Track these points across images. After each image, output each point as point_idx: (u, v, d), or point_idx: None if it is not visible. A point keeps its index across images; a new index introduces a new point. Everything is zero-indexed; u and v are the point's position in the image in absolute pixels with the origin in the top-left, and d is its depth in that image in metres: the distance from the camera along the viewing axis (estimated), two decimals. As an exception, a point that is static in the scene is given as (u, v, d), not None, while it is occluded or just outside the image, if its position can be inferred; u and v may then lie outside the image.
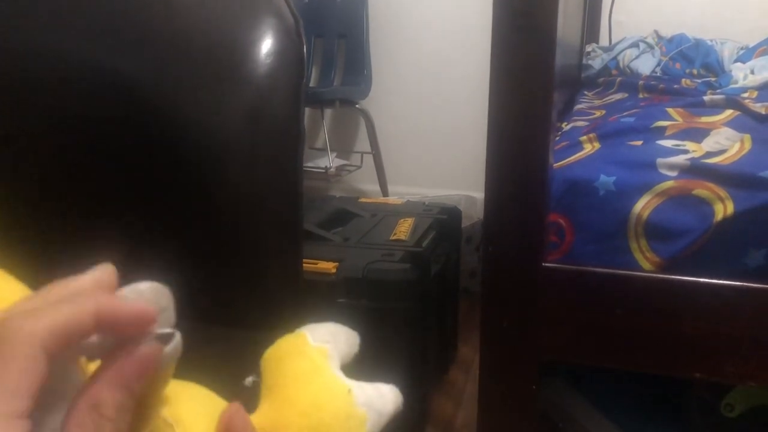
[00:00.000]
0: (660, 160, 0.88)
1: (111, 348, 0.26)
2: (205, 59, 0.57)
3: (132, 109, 0.43)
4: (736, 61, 1.70)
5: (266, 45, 0.58)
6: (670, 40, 1.92)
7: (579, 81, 1.89)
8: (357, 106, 2.45)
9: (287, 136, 0.58)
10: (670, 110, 1.16)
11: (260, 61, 0.58)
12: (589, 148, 0.99)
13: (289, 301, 0.61)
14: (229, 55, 0.58)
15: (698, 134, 1.00)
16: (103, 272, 0.28)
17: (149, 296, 0.27)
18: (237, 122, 0.56)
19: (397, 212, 1.66)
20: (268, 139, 0.57)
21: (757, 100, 1.25)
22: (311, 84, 2.62)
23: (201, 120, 0.55)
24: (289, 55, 0.60)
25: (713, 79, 1.60)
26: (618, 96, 1.52)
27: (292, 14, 0.62)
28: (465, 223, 1.95)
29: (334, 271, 1.28)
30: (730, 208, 0.82)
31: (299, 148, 0.59)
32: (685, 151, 0.93)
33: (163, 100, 0.55)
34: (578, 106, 1.49)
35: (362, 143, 2.65)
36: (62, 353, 0.24)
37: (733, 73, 1.55)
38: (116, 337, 0.26)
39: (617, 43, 1.97)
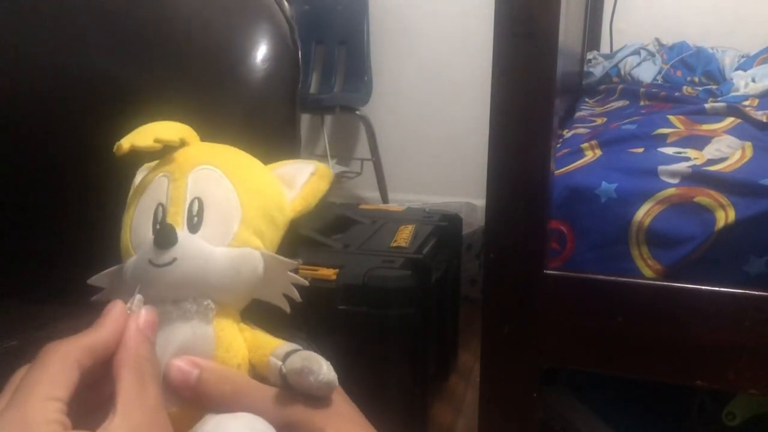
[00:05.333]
0: (661, 168, 0.88)
1: None
2: (203, 65, 0.58)
3: (129, 113, 0.43)
4: (737, 69, 1.70)
5: (262, 51, 0.59)
6: (671, 48, 1.93)
7: (580, 88, 1.89)
8: (357, 112, 2.45)
9: (283, 140, 0.58)
10: (671, 118, 1.16)
11: (256, 67, 0.58)
12: (591, 155, 0.99)
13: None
14: (226, 61, 0.58)
15: (699, 142, 1.00)
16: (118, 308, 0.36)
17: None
18: (233, 127, 0.56)
19: (398, 219, 1.66)
20: (263, 143, 0.57)
21: (758, 108, 1.25)
22: (311, 90, 2.61)
23: (198, 126, 0.55)
24: (285, 60, 0.61)
25: (714, 87, 1.60)
26: (619, 103, 1.52)
27: (287, 20, 0.62)
28: (466, 230, 1.95)
29: (334, 277, 1.28)
30: (732, 215, 0.82)
31: (294, 153, 0.59)
32: (687, 159, 0.93)
33: (160, 105, 0.55)
34: (579, 114, 1.50)
35: (362, 150, 2.65)
36: (92, 364, 0.33)
37: (734, 81, 1.55)
38: None
39: (618, 51, 1.97)
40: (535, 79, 0.79)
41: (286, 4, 0.62)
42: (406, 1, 2.54)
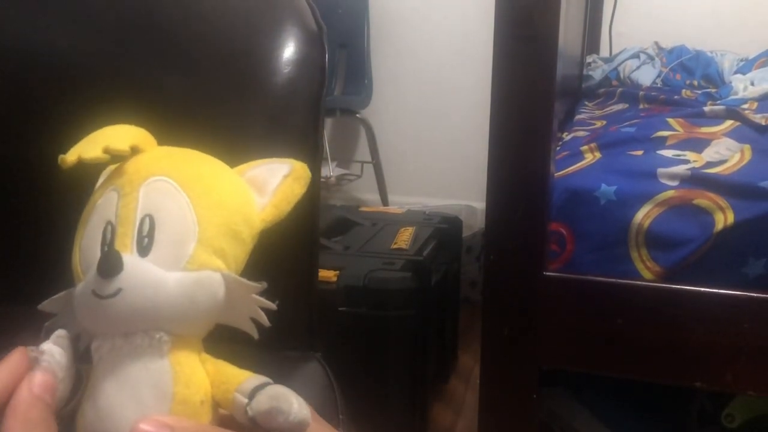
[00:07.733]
0: (661, 170, 0.89)
1: None
2: (227, 66, 0.57)
3: (154, 116, 0.43)
4: (736, 72, 1.70)
5: (287, 53, 0.57)
6: (671, 52, 1.93)
7: (579, 91, 1.89)
8: (357, 115, 2.45)
9: (305, 145, 0.57)
10: (670, 120, 1.16)
11: (280, 69, 0.57)
12: (590, 157, 1.00)
13: (303, 320, 0.60)
14: (251, 63, 0.57)
15: (699, 144, 1.01)
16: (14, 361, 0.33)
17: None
18: (256, 130, 0.55)
19: (398, 221, 1.67)
20: (285, 148, 0.56)
21: (757, 111, 1.26)
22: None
23: (221, 128, 0.55)
24: (310, 63, 0.59)
25: (713, 90, 1.60)
26: (618, 106, 1.52)
27: (317, 22, 0.61)
28: (465, 233, 1.95)
29: (334, 279, 1.28)
30: (731, 217, 0.82)
31: (317, 159, 0.58)
32: (686, 161, 0.93)
33: (185, 108, 0.55)
34: (579, 117, 1.50)
35: (362, 152, 2.66)
36: None
37: (733, 84, 1.56)
38: None
39: (618, 54, 1.97)
40: (535, 81, 0.80)
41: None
42: (406, 3, 2.54)
